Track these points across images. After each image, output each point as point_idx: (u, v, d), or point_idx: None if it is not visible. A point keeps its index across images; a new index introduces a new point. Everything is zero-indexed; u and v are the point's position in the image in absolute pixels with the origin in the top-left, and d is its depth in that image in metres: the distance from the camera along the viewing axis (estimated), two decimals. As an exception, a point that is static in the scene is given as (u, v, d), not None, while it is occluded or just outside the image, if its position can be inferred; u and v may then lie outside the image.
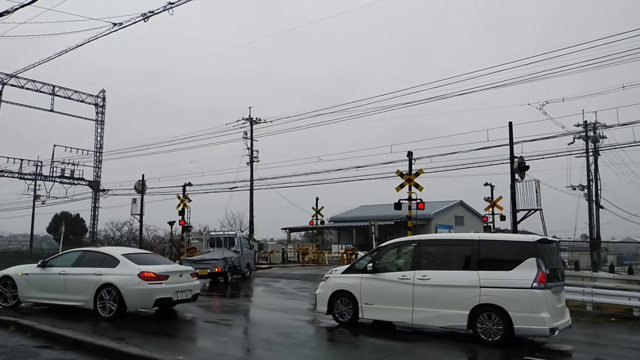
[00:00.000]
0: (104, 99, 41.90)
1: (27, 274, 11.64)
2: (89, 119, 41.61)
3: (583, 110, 32.10)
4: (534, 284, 8.24)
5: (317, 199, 39.35)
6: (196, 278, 12.09)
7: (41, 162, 40.69)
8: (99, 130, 41.80)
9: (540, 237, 9.43)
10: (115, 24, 13.28)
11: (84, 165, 41.44)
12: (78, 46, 15.88)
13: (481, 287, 8.60)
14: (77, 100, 40.07)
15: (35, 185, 43.48)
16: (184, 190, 32.63)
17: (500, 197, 30.99)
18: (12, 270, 12.05)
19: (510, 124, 19.10)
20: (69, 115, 40.13)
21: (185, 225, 32.40)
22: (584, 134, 31.75)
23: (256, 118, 35.54)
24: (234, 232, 27.72)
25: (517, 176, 18.60)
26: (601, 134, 31.88)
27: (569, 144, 31.35)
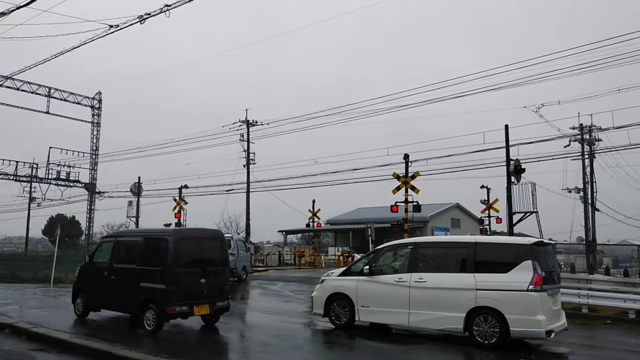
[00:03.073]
0: (100, 101, 41.77)
1: None
2: (85, 121, 41.46)
3: (579, 113, 32.28)
4: (530, 286, 8.25)
5: (313, 201, 39.36)
6: None
7: (37, 164, 40.53)
8: (95, 133, 41.63)
9: (536, 240, 9.46)
10: (111, 26, 13.27)
11: (79, 167, 41.24)
12: (74, 48, 15.81)
13: (477, 289, 8.60)
14: (73, 102, 39.90)
15: (30, 187, 43.37)
16: (180, 192, 32.60)
17: (497, 200, 30.99)
18: None
19: (507, 126, 19.14)
20: (65, 117, 39.97)
21: (181, 227, 32.36)
22: (579, 136, 31.86)
23: (253, 120, 35.51)
24: (230, 235, 27.63)
25: (513, 179, 18.64)
26: (597, 137, 32.02)
27: (565, 146, 31.51)
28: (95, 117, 41.61)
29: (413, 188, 22.91)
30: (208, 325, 10.42)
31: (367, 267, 10.03)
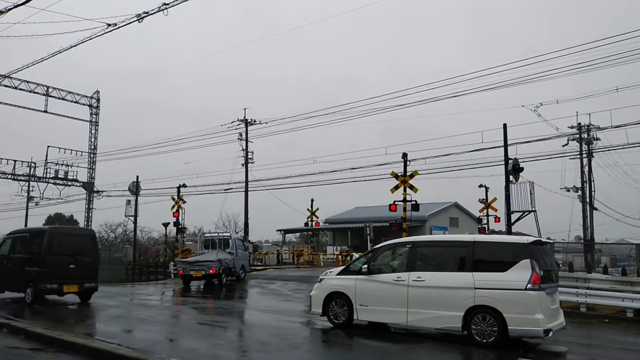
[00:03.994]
0: (98, 100, 41.66)
1: None
2: (83, 120, 41.35)
3: (577, 112, 32.35)
4: (528, 285, 8.26)
5: (312, 200, 39.39)
6: None
7: (35, 163, 40.44)
8: (93, 132, 41.53)
9: (535, 239, 9.46)
10: (109, 25, 13.21)
11: (77, 166, 41.14)
12: (72, 47, 15.73)
13: (476, 288, 8.60)
14: (71, 101, 39.77)
15: (28, 186, 43.21)
16: (178, 191, 32.55)
17: (495, 199, 31.05)
18: None
19: (505, 125, 19.17)
20: (63, 116, 39.82)
21: (180, 226, 32.33)
22: (577, 135, 31.87)
23: (251, 119, 35.45)
24: (228, 234, 27.67)
25: (511, 178, 18.66)
26: (595, 136, 32.05)
27: (563, 145, 31.51)
28: (94, 116, 41.51)
29: (411, 187, 22.91)
30: (83, 302, 13.77)
31: (366, 266, 10.02)
